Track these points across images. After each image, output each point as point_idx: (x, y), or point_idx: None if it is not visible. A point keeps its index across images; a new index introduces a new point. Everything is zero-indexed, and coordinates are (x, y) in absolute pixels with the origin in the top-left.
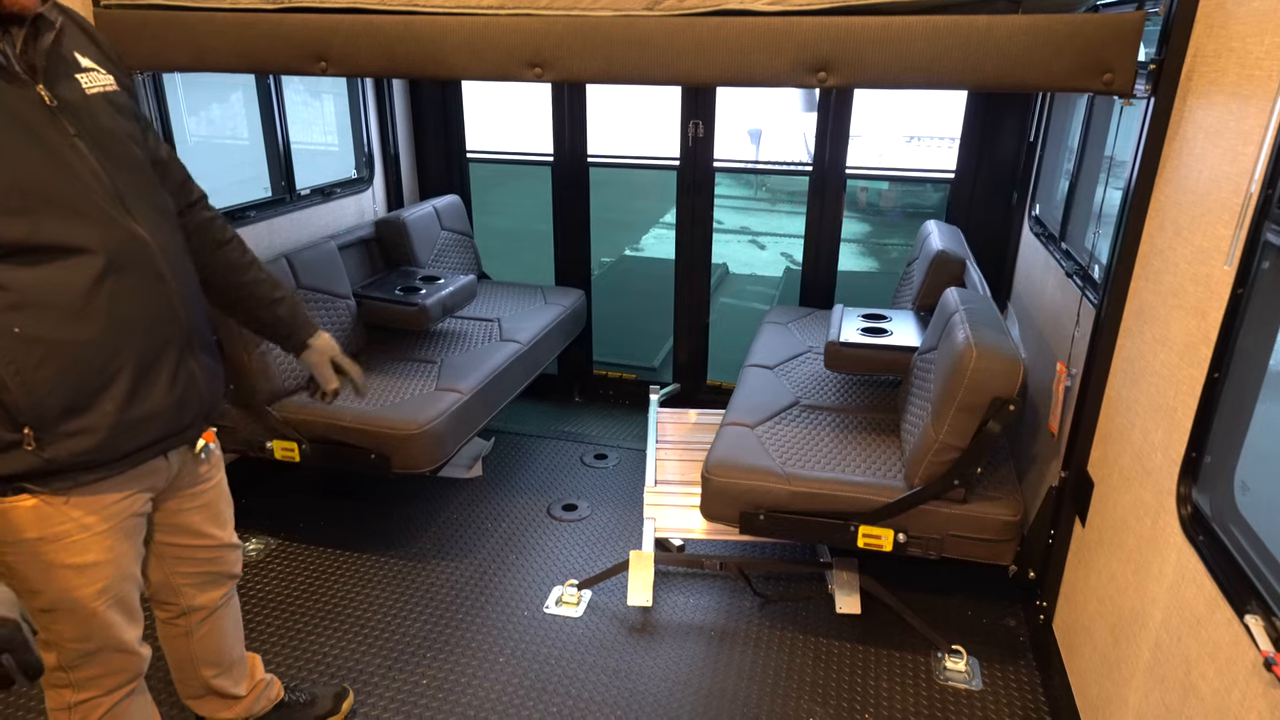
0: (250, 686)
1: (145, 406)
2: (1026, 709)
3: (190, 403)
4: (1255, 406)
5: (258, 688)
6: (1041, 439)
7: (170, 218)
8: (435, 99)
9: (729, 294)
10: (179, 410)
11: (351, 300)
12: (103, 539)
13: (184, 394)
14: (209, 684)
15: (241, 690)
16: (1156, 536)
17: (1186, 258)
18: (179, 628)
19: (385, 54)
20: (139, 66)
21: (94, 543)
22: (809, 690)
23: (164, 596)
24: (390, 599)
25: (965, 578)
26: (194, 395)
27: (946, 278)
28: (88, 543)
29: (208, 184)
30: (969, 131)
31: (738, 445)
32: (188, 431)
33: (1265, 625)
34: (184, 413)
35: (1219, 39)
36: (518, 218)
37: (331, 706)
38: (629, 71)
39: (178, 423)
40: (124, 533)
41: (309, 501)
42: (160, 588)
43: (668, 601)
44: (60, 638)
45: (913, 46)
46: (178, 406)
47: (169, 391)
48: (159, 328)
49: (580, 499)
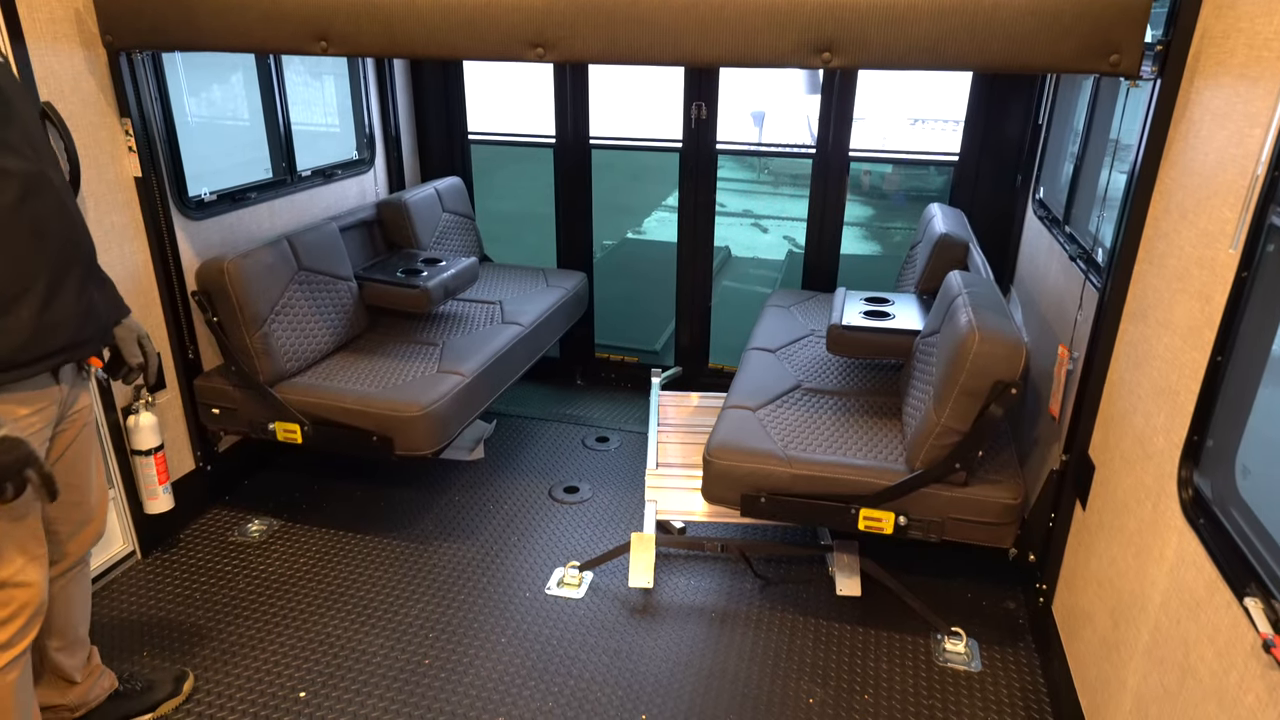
0: (86, 674)
1: (56, 314)
2: (1025, 691)
3: (92, 318)
4: (1258, 390)
5: (93, 675)
6: (1043, 423)
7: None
8: (437, 80)
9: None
10: (83, 322)
11: (353, 282)
12: None
13: (89, 308)
14: (50, 657)
15: (78, 677)
16: (1157, 520)
17: (1191, 241)
18: None
19: (386, 34)
20: (138, 45)
21: None
22: (809, 671)
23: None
24: (393, 580)
25: (965, 561)
26: (95, 314)
27: (949, 261)
28: None
29: (208, 165)
30: (973, 114)
31: (739, 428)
32: (87, 346)
33: (1264, 608)
34: (86, 326)
35: (1227, 19)
36: (520, 200)
37: (172, 689)
38: (632, 52)
39: (81, 334)
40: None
41: (311, 483)
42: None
43: (669, 583)
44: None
45: (918, 27)
46: (82, 319)
47: (76, 303)
48: (67, 248)
49: (582, 481)
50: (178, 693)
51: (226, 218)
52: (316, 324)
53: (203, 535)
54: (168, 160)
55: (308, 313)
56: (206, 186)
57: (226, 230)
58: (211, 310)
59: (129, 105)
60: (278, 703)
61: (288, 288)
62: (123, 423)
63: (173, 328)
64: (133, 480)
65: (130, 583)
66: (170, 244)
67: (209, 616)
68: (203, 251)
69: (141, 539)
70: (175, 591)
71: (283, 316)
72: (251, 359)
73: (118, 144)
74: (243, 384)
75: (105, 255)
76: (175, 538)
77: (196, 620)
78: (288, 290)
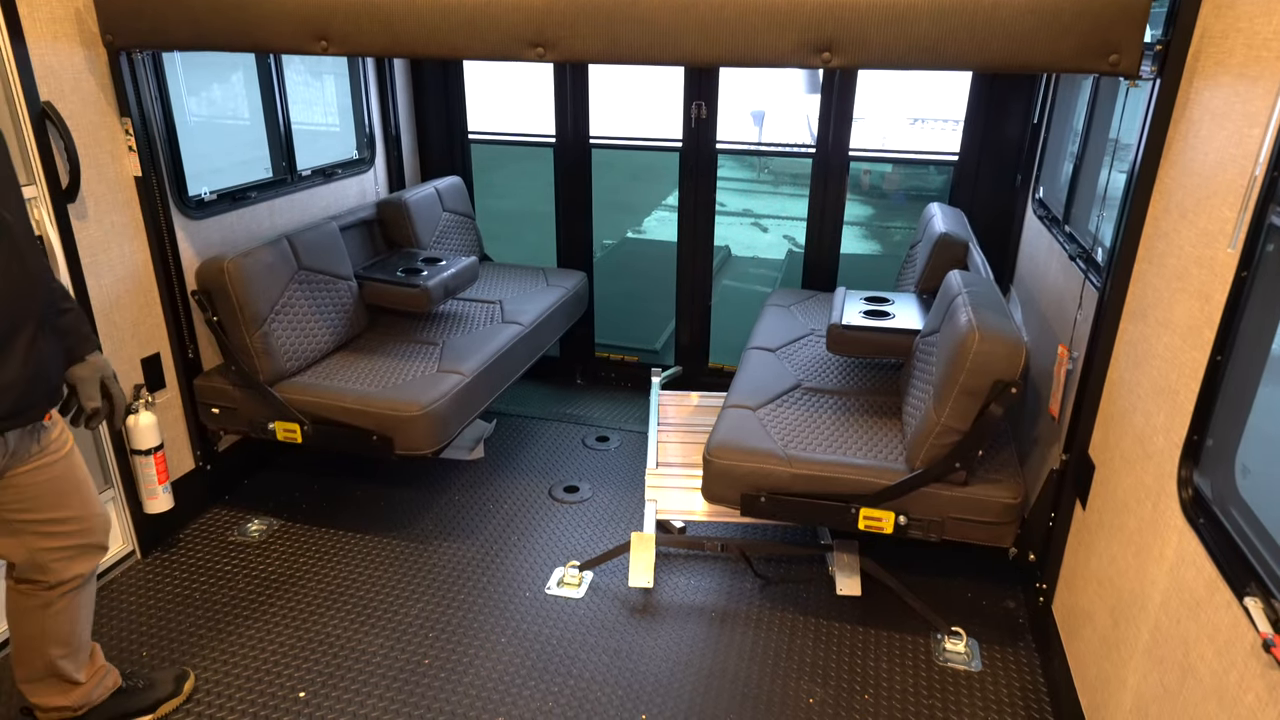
0: (90, 673)
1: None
2: (1025, 690)
3: (40, 380)
4: (1257, 390)
5: (97, 674)
6: (1043, 422)
7: (24, 206)
8: (437, 79)
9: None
10: (30, 386)
11: (353, 281)
12: None
13: (36, 370)
14: (53, 664)
15: (82, 676)
16: (1157, 519)
17: (1191, 241)
18: (39, 599)
19: (387, 33)
20: (138, 45)
21: None
22: (809, 671)
23: (32, 575)
24: (392, 580)
25: (965, 560)
26: (43, 374)
27: (949, 260)
28: None
29: (208, 164)
30: (973, 113)
31: (739, 427)
32: (32, 411)
33: (1264, 607)
34: (34, 390)
35: (1226, 19)
36: (520, 199)
37: (173, 689)
38: (632, 51)
39: (28, 399)
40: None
41: (311, 483)
42: (27, 567)
43: (669, 583)
44: None
45: (918, 27)
46: (30, 382)
47: (23, 367)
48: (18, 303)
49: (582, 481)
50: (178, 693)
51: (227, 217)
52: (316, 323)
53: (202, 535)
54: (168, 159)
55: (308, 312)
56: (207, 186)
57: (226, 229)
58: (211, 309)
59: (129, 104)
60: (277, 703)
61: (288, 287)
62: (122, 423)
63: (173, 327)
64: (132, 480)
65: (130, 582)
66: (170, 243)
67: (209, 616)
68: (203, 251)
69: (141, 539)
70: (175, 591)
71: (283, 316)
72: (251, 358)
73: (118, 143)
74: (243, 383)
75: (105, 255)
76: (175, 537)
77: (196, 620)
78: (288, 289)
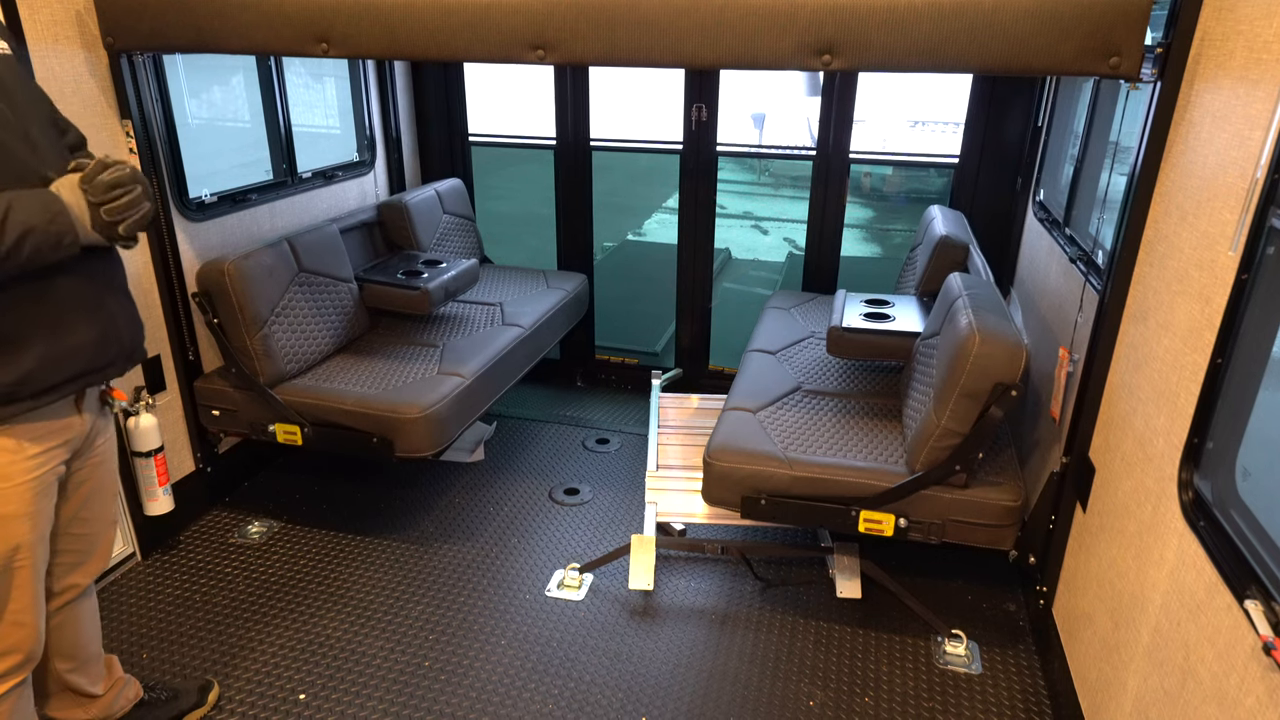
0: (108, 685)
1: (70, 340)
2: (1026, 693)
3: (110, 339)
4: (1258, 392)
5: (116, 686)
6: (1043, 425)
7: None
8: (437, 81)
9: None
10: (100, 346)
11: (353, 284)
12: (23, 491)
13: (105, 330)
14: (63, 679)
15: (99, 689)
16: (1157, 522)
17: (1191, 243)
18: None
19: (387, 35)
20: (139, 47)
21: (14, 494)
22: (809, 673)
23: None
24: (393, 582)
25: (966, 563)
26: (114, 332)
27: (950, 263)
28: (8, 493)
29: (209, 166)
30: (974, 116)
31: (740, 430)
32: (108, 369)
33: (1265, 610)
34: (105, 349)
35: (1227, 22)
36: (520, 201)
37: (197, 699)
38: (632, 54)
39: (100, 358)
40: (44, 490)
41: (311, 485)
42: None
43: (669, 585)
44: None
45: (918, 29)
46: (99, 342)
47: (91, 326)
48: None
49: (582, 483)
50: (203, 703)
51: (227, 219)
52: (317, 325)
53: (203, 537)
54: (168, 162)
55: (308, 314)
56: (207, 188)
57: (227, 232)
58: (212, 312)
59: (130, 107)
60: (277, 705)
61: (288, 289)
62: (123, 424)
63: (173, 329)
64: (133, 482)
65: (130, 584)
66: (171, 245)
67: (209, 618)
68: (203, 253)
69: (141, 541)
70: (175, 593)
71: (283, 318)
72: (252, 360)
73: (118, 145)
74: (243, 385)
75: None
76: (175, 539)
77: (196, 622)
78: (288, 292)
